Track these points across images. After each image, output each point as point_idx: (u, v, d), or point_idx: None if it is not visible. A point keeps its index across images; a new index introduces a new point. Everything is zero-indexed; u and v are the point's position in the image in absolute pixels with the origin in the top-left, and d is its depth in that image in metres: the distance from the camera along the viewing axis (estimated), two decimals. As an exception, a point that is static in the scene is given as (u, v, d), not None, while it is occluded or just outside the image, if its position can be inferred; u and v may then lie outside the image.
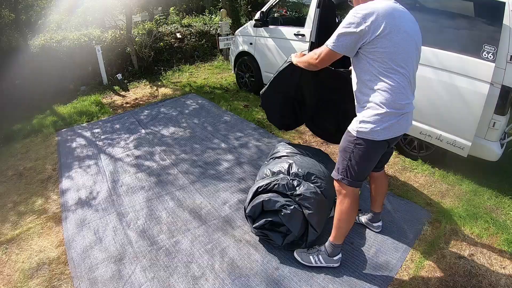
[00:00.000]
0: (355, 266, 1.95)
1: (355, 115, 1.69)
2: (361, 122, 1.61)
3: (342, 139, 1.75)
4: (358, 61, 1.61)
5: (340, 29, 1.55)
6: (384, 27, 1.47)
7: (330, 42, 1.60)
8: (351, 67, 1.73)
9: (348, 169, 1.69)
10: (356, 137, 1.63)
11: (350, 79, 1.79)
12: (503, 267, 1.93)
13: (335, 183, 1.79)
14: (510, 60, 2.28)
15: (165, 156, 3.28)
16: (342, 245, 1.91)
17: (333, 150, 3.20)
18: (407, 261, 1.99)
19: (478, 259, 1.99)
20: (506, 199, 2.51)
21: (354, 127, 1.64)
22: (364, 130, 1.59)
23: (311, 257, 1.94)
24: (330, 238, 1.89)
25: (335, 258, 1.91)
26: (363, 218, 2.24)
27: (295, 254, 1.99)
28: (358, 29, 1.49)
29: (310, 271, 1.92)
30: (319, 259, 1.92)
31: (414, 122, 2.83)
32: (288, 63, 2.13)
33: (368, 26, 1.47)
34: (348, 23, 1.52)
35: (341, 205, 1.78)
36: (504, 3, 2.25)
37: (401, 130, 1.63)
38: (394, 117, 1.56)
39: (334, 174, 1.78)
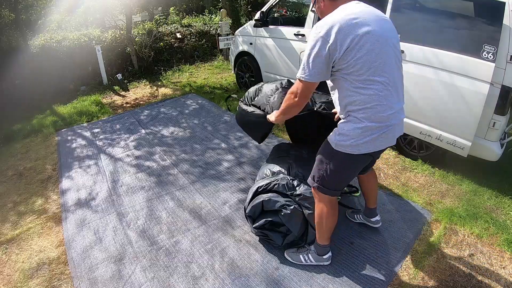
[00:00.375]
0: (355, 266, 1.95)
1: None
2: (340, 134, 1.50)
3: (321, 147, 1.67)
4: (332, 77, 1.50)
5: (306, 56, 1.42)
6: (352, 37, 1.34)
7: (301, 74, 1.45)
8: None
9: (323, 179, 1.63)
10: (335, 149, 1.53)
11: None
12: (503, 267, 1.93)
13: (311, 189, 1.75)
14: (510, 60, 2.28)
15: (165, 156, 3.28)
16: (329, 245, 1.91)
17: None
18: (407, 261, 1.99)
19: (478, 259, 1.99)
20: (506, 199, 2.51)
21: (333, 139, 1.54)
22: (343, 143, 1.49)
23: (301, 256, 1.95)
24: (316, 240, 1.90)
25: (324, 257, 1.92)
26: (360, 216, 2.25)
27: (285, 255, 1.99)
28: (325, 50, 1.36)
29: (310, 271, 1.92)
30: (309, 258, 1.93)
31: (414, 122, 2.85)
32: (260, 117, 2.03)
33: (334, 41, 1.35)
34: (312, 46, 1.40)
35: (317, 210, 1.76)
36: (504, 3, 2.25)
37: (386, 143, 1.52)
38: (377, 131, 1.44)
39: (309, 181, 1.73)
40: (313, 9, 1.74)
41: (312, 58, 1.40)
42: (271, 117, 1.83)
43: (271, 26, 4.35)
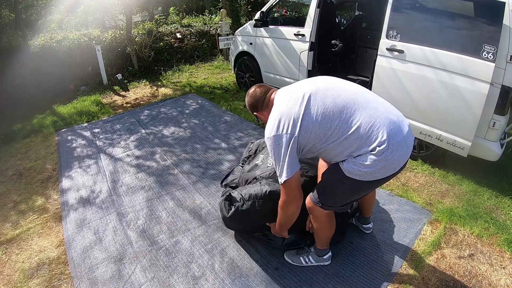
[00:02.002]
0: (355, 266, 1.95)
1: None
2: (354, 163, 1.40)
3: (329, 169, 1.60)
4: (311, 153, 1.50)
5: (275, 162, 1.43)
6: (301, 121, 1.36)
7: (281, 179, 1.44)
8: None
9: (328, 199, 1.57)
10: (347, 176, 1.44)
11: None
12: (503, 267, 1.93)
13: (308, 203, 1.64)
14: (510, 60, 2.28)
15: (165, 156, 3.28)
16: (329, 248, 1.91)
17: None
18: (407, 261, 1.99)
19: (478, 259, 1.99)
20: (506, 199, 2.51)
21: (346, 166, 1.43)
22: (357, 172, 1.40)
23: (301, 258, 1.94)
24: (315, 245, 1.89)
25: (325, 257, 1.92)
26: (354, 219, 2.24)
27: (285, 257, 1.99)
28: (289, 147, 1.37)
29: (310, 271, 1.92)
30: (309, 259, 1.93)
31: (414, 122, 2.85)
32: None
33: (290, 135, 1.37)
34: (273, 150, 1.41)
35: (315, 223, 1.73)
36: (504, 3, 2.25)
37: (402, 159, 1.43)
38: (384, 159, 1.36)
39: (312, 197, 1.62)
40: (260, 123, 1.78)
41: (281, 161, 1.42)
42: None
43: (271, 26, 4.35)
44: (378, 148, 1.34)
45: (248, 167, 2.32)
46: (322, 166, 1.80)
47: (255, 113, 1.66)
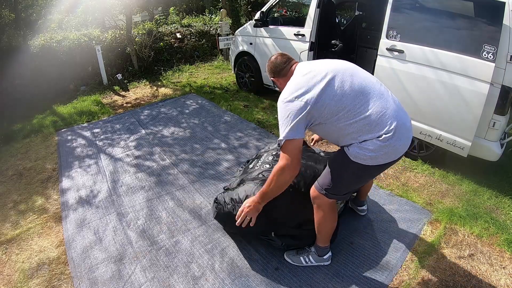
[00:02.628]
0: (355, 266, 1.95)
1: None
2: (360, 148, 1.48)
3: (335, 155, 1.67)
4: (321, 128, 1.54)
5: (281, 123, 1.46)
6: (318, 95, 1.43)
7: (281, 138, 1.46)
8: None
9: (335, 187, 1.61)
10: (352, 160, 1.51)
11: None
12: (503, 267, 1.93)
13: (313, 192, 1.69)
14: (510, 60, 2.28)
15: (165, 156, 3.28)
16: (329, 245, 1.91)
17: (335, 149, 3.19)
18: (407, 261, 1.99)
19: (478, 259, 1.99)
20: (506, 199, 2.51)
21: (352, 151, 1.51)
22: (362, 156, 1.48)
23: (301, 258, 1.94)
24: (316, 242, 1.89)
25: (325, 257, 1.92)
26: (350, 202, 2.29)
27: (285, 256, 1.99)
28: (300, 113, 1.42)
29: (310, 271, 1.92)
30: (309, 259, 1.93)
31: (414, 122, 2.84)
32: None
33: (305, 103, 1.42)
34: (283, 112, 1.45)
35: (317, 214, 1.74)
36: (504, 3, 2.25)
37: (403, 148, 1.52)
38: (388, 145, 1.46)
39: (317, 186, 1.67)
40: (276, 89, 1.82)
41: (291, 126, 1.45)
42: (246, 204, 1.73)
43: (271, 26, 4.35)
44: (384, 136, 1.44)
45: (242, 170, 2.37)
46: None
47: (272, 78, 1.72)
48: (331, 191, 1.62)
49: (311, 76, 1.48)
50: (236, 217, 1.75)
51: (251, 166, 2.29)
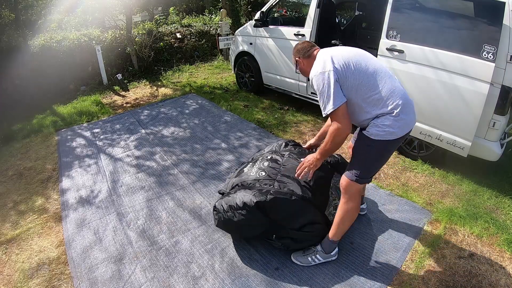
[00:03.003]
0: (355, 266, 1.95)
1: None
2: (376, 126, 1.68)
3: (357, 142, 1.83)
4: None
5: (322, 96, 1.65)
6: (342, 68, 1.66)
7: (329, 109, 1.63)
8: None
9: (364, 170, 1.75)
10: (374, 139, 1.68)
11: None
12: (503, 267, 1.93)
13: (345, 182, 1.79)
14: (510, 60, 2.28)
15: (165, 156, 3.28)
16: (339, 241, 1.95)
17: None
18: (407, 261, 1.99)
19: (478, 259, 1.99)
20: (506, 199, 2.51)
21: (371, 131, 1.69)
22: (381, 133, 1.66)
23: (308, 258, 1.96)
24: (330, 235, 1.90)
25: (332, 253, 1.95)
26: None
27: (292, 258, 1.99)
28: (334, 80, 1.63)
29: (310, 271, 1.92)
30: (316, 258, 1.95)
31: (414, 122, 2.85)
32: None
33: (333, 71, 1.64)
34: (319, 85, 1.66)
35: (346, 205, 1.81)
36: (504, 3, 2.25)
37: (412, 123, 1.74)
38: (400, 119, 1.66)
39: (348, 175, 1.78)
40: (297, 71, 1.97)
41: (328, 92, 1.64)
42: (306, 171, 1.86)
43: (271, 26, 4.35)
44: (395, 111, 1.65)
45: (236, 172, 2.35)
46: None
47: (297, 58, 1.92)
48: (361, 176, 1.74)
49: (333, 55, 1.72)
50: (297, 169, 1.89)
51: (245, 169, 2.25)
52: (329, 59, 1.68)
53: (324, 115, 1.67)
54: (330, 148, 1.72)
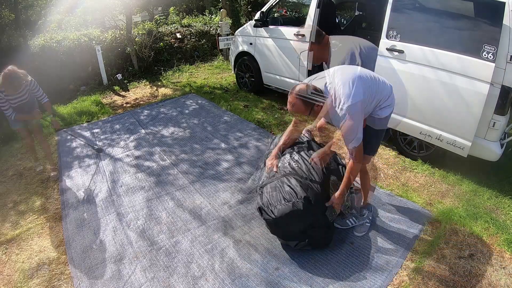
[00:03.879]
0: (355, 266, 1.95)
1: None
2: (379, 119, 1.95)
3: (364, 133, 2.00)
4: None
5: (350, 130, 1.75)
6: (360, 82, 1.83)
7: (354, 144, 1.78)
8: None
9: (372, 147, 2.03)
10: (376, 129, 1.98)
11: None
12: (503, 267, 1.93)
13: (364, 160, 1.99)
14: (510, 60, 2.28)
15: (165, 156, 3.28)
16: (368, 205, 2.26)
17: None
18: (407, 261, 1.99)
19: (478, 259, 1.99)
20: (506, 199, 2.51)
21: (375, 122, 1.95)
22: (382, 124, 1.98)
23: (347, 221, 2.24)
24: (365, 201, 2.23)
25: (364, 216, 2.23)
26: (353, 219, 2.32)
27: (335, 224, 2.19)
28: (362, 110, 1.79)
29: (310, 271, 1.92)
30: (354, 220, 2.24)
31: (414, 122, 2.85)
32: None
33: (362, 101, 1.78)
34: (352, 116, 1.74)
35: (367, 175, 2.19)
36: (504, 3, 2.25)
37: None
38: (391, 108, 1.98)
39: (366, 156, 2.01)
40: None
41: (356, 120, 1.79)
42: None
43: (271, 26, 4.35)
44: (390, 102, 1.94)
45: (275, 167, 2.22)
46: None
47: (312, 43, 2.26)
48: (372, 151, 2.06)
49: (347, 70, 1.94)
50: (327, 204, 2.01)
51: (280, 165, 2.19)
52: (351, 82, 1.78)
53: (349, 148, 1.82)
54: (351, 181, 1.95)
